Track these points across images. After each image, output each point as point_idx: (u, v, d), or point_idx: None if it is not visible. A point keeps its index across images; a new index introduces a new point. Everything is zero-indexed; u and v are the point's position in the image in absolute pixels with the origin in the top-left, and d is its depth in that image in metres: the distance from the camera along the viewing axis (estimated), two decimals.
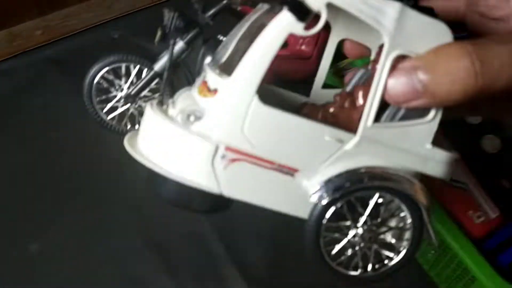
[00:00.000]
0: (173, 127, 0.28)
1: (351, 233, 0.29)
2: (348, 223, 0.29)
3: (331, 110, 0.30)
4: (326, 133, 0.27)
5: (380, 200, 0.29)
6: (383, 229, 0.29)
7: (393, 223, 0.30)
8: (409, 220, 0.29)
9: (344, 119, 0.29)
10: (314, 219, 0.28)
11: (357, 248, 0.29)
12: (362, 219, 0.29)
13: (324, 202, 0.28)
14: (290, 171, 0.28)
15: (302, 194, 0.28)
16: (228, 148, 0.27)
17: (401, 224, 0.30)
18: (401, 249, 0.30)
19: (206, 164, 0.27)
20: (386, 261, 0.30)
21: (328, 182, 0.28)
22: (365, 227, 0.29)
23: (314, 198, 0.28)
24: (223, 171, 0.27)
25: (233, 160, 0.27)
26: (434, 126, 0.28)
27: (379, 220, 0.29)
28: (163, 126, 0.29)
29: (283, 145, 0.27)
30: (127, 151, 0.30)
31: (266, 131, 0.27)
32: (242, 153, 0.27)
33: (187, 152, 0.28)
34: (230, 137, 0.27)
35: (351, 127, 0.28)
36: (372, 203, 0.28)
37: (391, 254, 0.30)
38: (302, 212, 0.28)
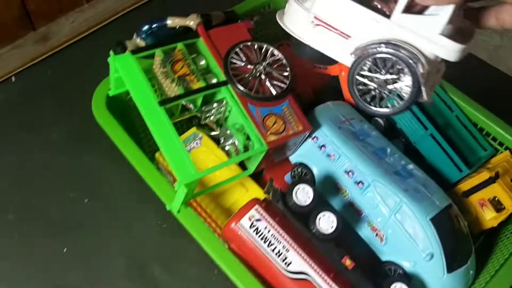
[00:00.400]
0: (295, 5, 0.50)
1: (376, 80, 0.47)
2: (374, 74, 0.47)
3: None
4: (370, 15, 0.45)
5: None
6: (397, 82, 0.47)
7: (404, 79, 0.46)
8: (410, 82, 0.45)
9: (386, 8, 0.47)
10: (352, 66, 0.48)
11: (378, 91, 0.48)
12: (383, 73, 0.47)
13: (357, 56, 0.47)
14: (346, 36, 0.47)
15: (350, 50, 0.47)
16: (315, 17, 0.48)
17: (406, 82, 0.46)
18: (405, 96, 0.47)
19: (306, 25, 0.50)
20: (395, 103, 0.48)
21: (363, 46, 0.46)
22: (384, 77, 0.47)
23: (353, 54, 0.47)
24: (312, 30, 0.49)
25: (317, 25, 0.49)
26: (443, 18, 0.42)
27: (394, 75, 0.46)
28: (293, 5, 0.51)
29: (344, 20, 0.47)
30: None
31: (336, 10, 0.47)
32: (321, 21, 0.48)
33: (299, 19, 0.50)
34: (317, 10, 0.48)
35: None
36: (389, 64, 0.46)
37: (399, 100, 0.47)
38: (348, 62, 0.48)
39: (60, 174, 0.79)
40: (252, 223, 0.55)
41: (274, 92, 0.61)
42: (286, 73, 0.62)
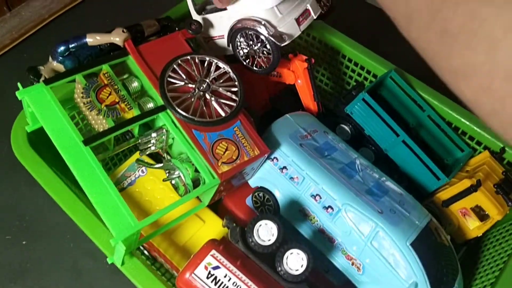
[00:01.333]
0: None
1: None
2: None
3: None
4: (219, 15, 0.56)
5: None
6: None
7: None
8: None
9: None
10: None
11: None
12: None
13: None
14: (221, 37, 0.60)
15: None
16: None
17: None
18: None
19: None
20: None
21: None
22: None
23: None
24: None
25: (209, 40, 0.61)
26: None
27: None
28: None
29: (215, 28, 0.60)
30: None
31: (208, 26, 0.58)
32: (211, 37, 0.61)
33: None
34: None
35: None
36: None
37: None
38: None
39: None
40: (209, 272, 0.47)
41: (222, 113, 0.52)
42: (235, 89, 0.54)
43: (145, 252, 0.60)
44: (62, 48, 0.51)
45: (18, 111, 0.56)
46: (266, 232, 0.47)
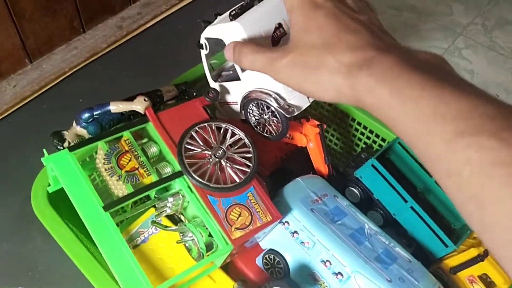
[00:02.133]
0: None
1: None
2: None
3: None
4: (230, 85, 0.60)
5: None
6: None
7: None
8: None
9: None
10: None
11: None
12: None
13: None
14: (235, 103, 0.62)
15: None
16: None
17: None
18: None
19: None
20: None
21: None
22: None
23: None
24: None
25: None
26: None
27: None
28: None
29: (230, 95, 0.62)
30: None
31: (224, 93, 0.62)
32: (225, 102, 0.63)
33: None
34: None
35: None
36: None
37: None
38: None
39: (6, 263, 0.71)
40: None
41: (237, 179, 0.54)
42: (249, 155, 0.56)
43: None
44: (86, 115, 0.53)
45: (35, 161, 0.58)
46: None
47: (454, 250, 0.60)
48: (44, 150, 0.50)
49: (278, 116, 0.57)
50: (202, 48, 0.60)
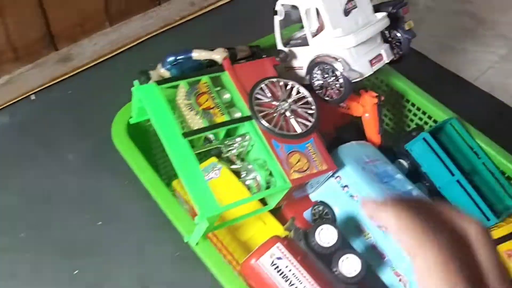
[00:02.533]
0: None
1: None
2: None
3: None
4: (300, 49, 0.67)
5: None
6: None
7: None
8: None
9: None
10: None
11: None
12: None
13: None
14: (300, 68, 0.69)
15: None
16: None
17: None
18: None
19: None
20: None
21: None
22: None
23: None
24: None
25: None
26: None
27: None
28: None
29: (298, 60, 0.69)
30: None
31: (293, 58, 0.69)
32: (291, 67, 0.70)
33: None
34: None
35: None
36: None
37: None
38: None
39: (75, 194, 0.79)
40: (273, 261, 0.53)
41: (298, 130, 0.59)
42: (311, 111, 0.61)
43: None
44: (171, 58, 0.60)
45: (109, 111, 0.66)
46: (327, 235, 0.53)
47: (496, 224, 0.63)
48: (135, 81, 0.57)
49: (342, 80, 0.62)
50: (276, 14, 0.66)
